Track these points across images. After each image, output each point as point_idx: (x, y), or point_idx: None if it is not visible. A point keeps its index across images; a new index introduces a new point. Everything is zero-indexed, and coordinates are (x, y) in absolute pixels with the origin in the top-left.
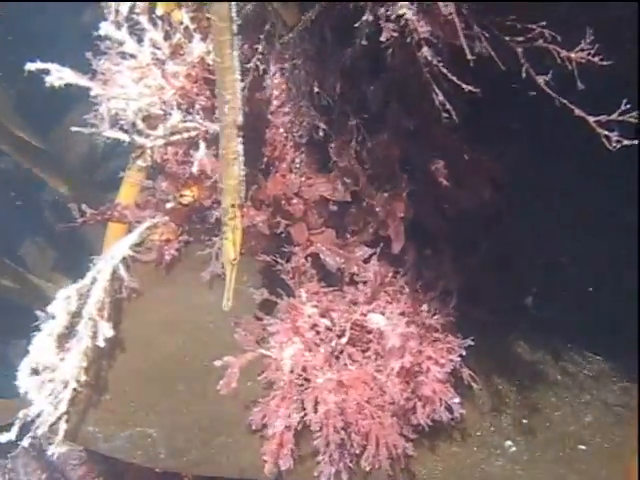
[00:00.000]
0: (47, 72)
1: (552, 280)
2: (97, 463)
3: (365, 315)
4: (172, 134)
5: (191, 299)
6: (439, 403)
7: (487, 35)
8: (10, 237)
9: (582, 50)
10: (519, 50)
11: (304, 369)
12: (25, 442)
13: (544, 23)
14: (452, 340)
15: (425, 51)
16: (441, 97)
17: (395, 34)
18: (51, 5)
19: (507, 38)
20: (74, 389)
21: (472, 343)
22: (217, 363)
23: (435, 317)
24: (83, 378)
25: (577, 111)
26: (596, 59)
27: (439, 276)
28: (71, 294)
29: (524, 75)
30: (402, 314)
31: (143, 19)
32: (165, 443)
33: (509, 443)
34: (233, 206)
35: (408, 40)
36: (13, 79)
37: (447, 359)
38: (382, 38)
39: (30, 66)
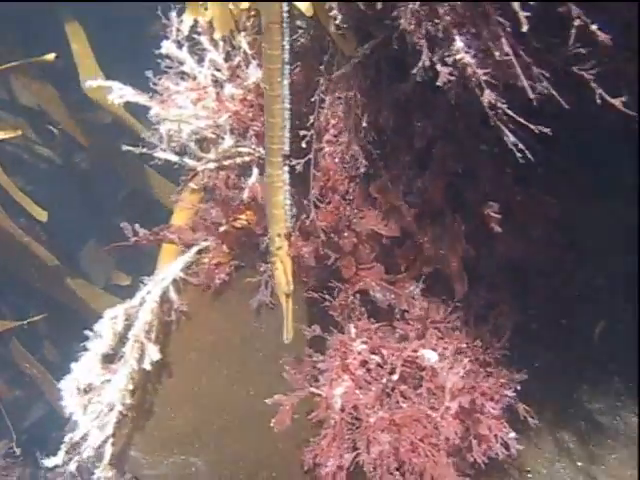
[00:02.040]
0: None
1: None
2: None
3: (416, 351)
4: (225, 158)
5: (240, 327)
6: (495, 440)
7: (547, 75)
8: (75, 238)
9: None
10: (590, 77)
11: (355, 408)
12: (72, 466)
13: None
14: (506, 374)
15: (487, 94)
16: (512, 138)
17: (452, 77)
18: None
19: (575, 68)
20: (120, 412)
21: (526, 377)
22: (269, 401)
23: (489, 351)
24: (129, 401)
25: None
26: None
27: (492, 309)
28: (118, 314)
29: (599, 101)
30: (458, 351)
31: (204, 39)
32: (209, 474)
33: None
34: (279, 235)
35: (464, 82)
36: None
37: (501, 394)
38: (439, 83)
39: (92, 83)
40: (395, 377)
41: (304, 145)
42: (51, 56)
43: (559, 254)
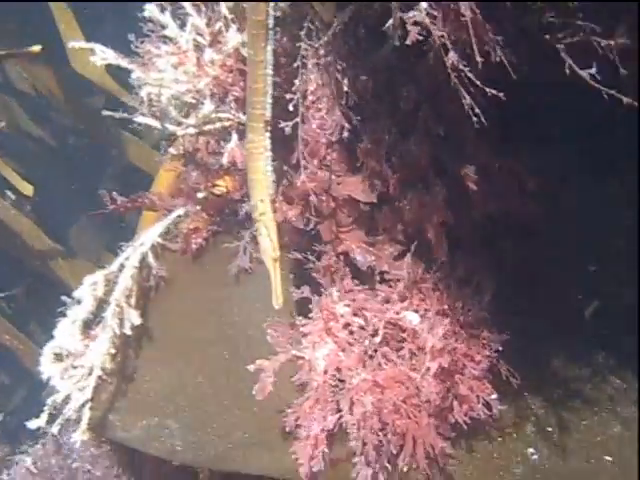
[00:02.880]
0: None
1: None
2: (117, 453)
3: (398, 313)
4: (204, 123)
5: (219, 291)
6: (476, 400)
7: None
8: (65, 216)
9: (621, 36)
10: (561, 47)
11: (338, 370)
12: (54, 429)
13: (581, 15)
14: (487, 335)
15: (451, 56)
16: (469, 101)
17: (420, 37)
18: None
19: (547, 37)
20: (99, 376)
21: (508, 337)
22: (250, 367)
23: (470, 313)
24: (108, 366)
25: (626, 100)
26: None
27: (472, 272)
28: (98, 280)
29: (568, 72)
30: (439, 313)
31: (187, 3)
32: (182, 436)
33: (531, 451)
34: (262, 201)
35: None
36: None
37: (483, 355)
38: (407, 42)
39: (74, 44)
40: (378, 339)
41: (291, 108)
42: (37, 48)
43: (532, 221)
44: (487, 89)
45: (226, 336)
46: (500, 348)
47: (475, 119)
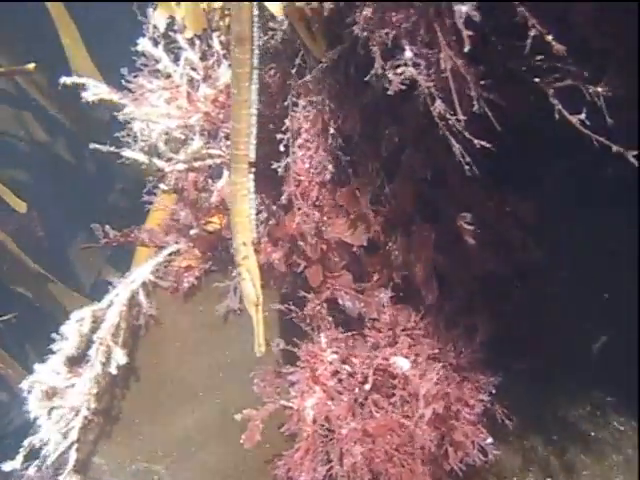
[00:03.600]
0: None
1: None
2: None
3: (388, 359)
4: (194, 159)
5: (209, 332)
6: (472, 446)
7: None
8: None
9: (607, 84)
10: (550, 91)
11: (327, 419)
12: (31, 471)
13: (571, 60)
14: (481, 378)
15: (438, 105)
16: (458, 150)
17: (403, 87)
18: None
19: (537, 80)
20: (85, 417)
21: (501, 379)
22: (237, 417)
23: (462, 355)
24: (93, 406)
25: (615, 148)
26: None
27: (463, 312)
28: (85, 316)
29: (557, 116)
30: (430, 357)
31: (180, 37)
32: None
33: None
34: (245, 244)
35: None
36: None
37: (477, 399)
38: (389, 92)
39: (66, 80)
40: (367, 386)
41: (282, 149)
42: (31, 66)
43: (534, 259)
44: (474, 140)
45: (217, 379)
46: (494, 391)
47: (467, 167)
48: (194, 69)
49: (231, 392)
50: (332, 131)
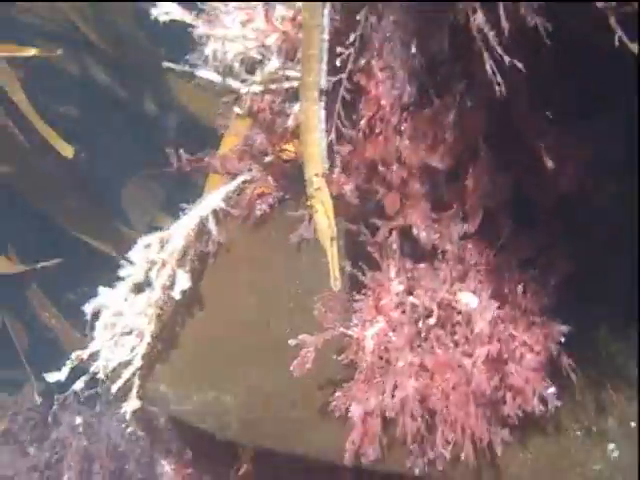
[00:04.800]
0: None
1: None
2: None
3: (455, 295)
4: (271, 81)
5: (280, 262)
6: (532, 393)
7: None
8: (119, 173)
9: None
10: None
11: (386, 350)
12: (77, 385)
13: None
14: (551, 325)
15: (479, 17)
16: (490, 68)
17: None
18: None
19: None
20: (148, 343)
21: (572, 329)
22: (291, 342)
23: (533, 298)
24: (156, 331)
25: None
26: None
27: (540, 253)
28: (152, 242)
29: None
30: (494, 295)
31: None
32: (238, 412)
33: (612, 446)
34: (317, 175)
35: None
36: None
37: (544, 345)
38: None
39: None
40: (432, 320)
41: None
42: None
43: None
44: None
45: (287, 310)
46: (562, 340)
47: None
48: None
49: (301, 322)
50: (414, 51)
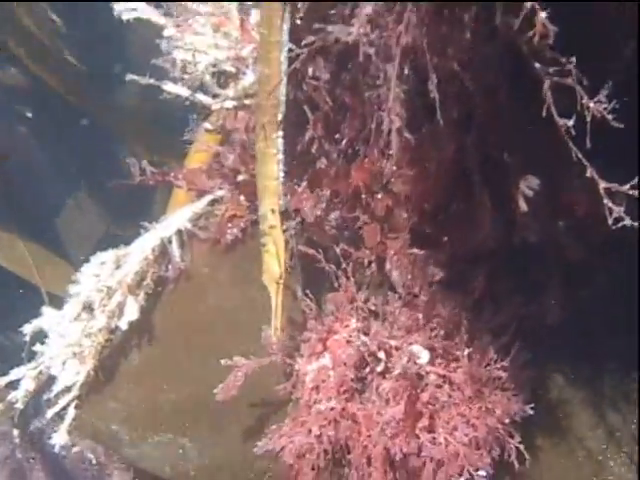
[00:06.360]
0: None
1: None
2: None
3: (409, 344)
4: (245, 97)
5: (250, 291)
6: (458, 470)
7: None
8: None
9: (600, 102)
10: (546, 83)
11: (317, 389)
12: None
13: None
14: (507, 401)
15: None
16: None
17: None
18: None
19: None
20: (88, 372)
21: (531, 412)
22: (223, 362)
23: (499, 369)
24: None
25: (589, 171)
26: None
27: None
28: (107, 260)
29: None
30: (448, 357)
31: None
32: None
33: None
34: (273, 211)
35: None
36: None
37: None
38: None
39: None
40: (379, 368)
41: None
42: None
43: None
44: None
45: (254, 344)
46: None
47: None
48: None
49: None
50: (406, 70)
